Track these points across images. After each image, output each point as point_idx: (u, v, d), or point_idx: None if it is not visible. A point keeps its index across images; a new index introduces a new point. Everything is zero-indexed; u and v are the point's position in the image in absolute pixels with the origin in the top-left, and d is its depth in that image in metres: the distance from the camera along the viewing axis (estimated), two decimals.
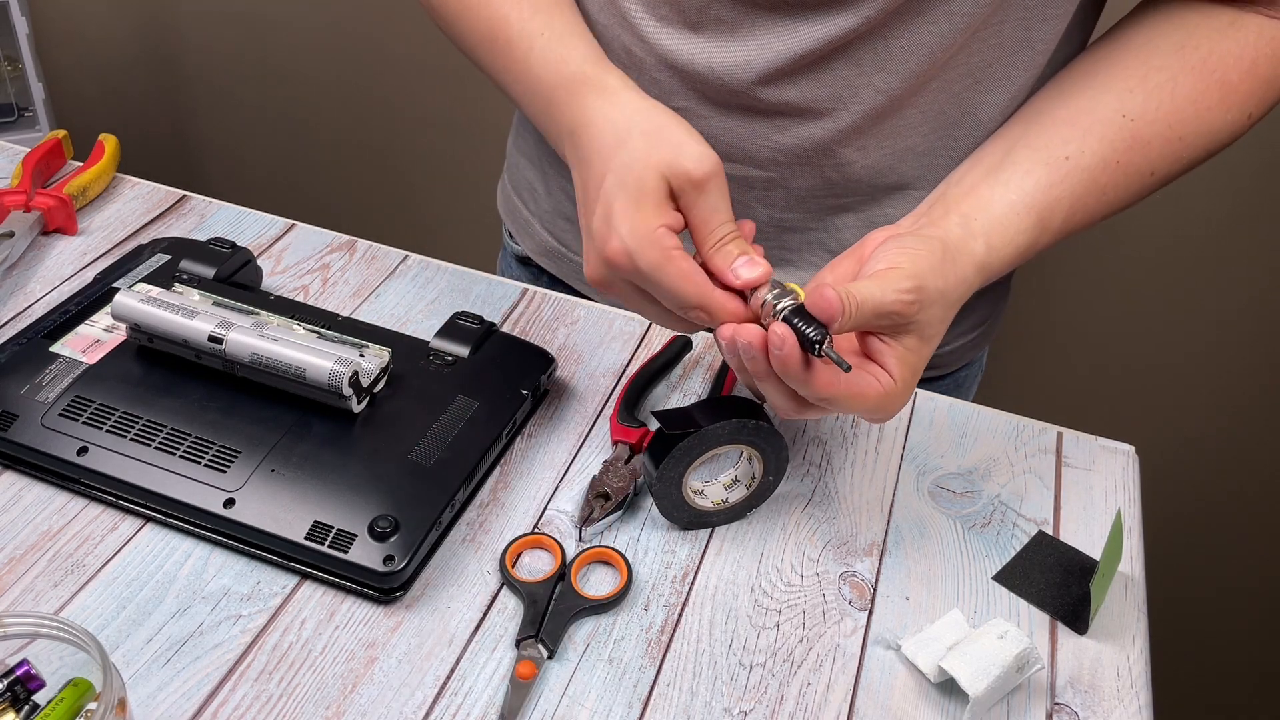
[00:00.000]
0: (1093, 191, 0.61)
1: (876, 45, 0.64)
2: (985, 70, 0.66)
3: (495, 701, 0.53)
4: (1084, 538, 0.63)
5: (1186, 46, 0.63)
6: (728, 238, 0.56)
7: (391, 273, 0.79)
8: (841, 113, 0.67)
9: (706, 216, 0.56)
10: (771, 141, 0.69)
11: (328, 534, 0.56)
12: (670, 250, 0.55)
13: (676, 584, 0.59)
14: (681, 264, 0.55)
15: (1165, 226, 1.30)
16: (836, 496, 0.64)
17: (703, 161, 0.55)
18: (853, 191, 0.72)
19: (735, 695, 0.54)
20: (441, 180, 1.72)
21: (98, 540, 0.58)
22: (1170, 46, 0.64)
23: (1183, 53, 0.63)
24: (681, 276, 0.55)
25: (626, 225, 0.55)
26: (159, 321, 0.63)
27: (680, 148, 0.55)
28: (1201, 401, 1.41)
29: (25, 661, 0.48)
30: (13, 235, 0.77)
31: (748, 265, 0.56)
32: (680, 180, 0.55)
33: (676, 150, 0.55)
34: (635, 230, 0.55)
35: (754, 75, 0.66)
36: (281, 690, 0.52)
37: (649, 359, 0.71)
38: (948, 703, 0.54)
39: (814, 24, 0.64)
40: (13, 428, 0.61)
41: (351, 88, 1.69)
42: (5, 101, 1.64)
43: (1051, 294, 1.40)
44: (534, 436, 0.67)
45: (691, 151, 0.55)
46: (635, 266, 0.55)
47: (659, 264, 0.54)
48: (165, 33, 1.77)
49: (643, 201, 0.55)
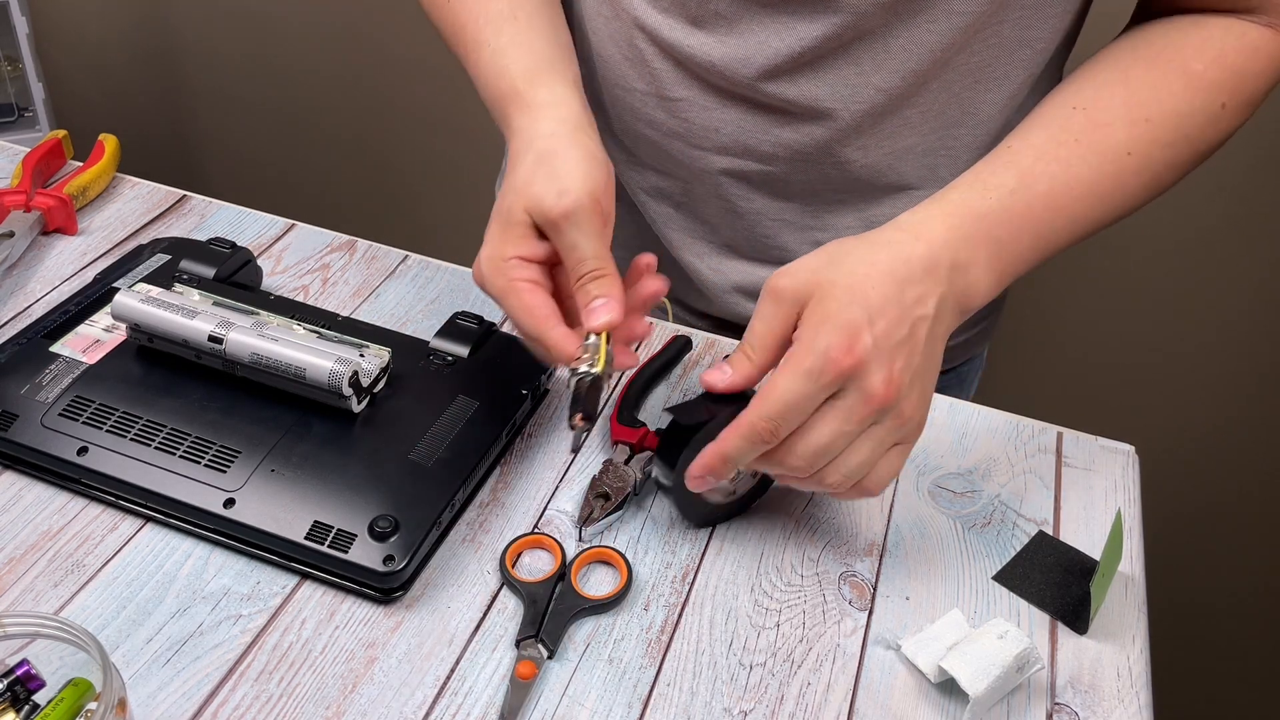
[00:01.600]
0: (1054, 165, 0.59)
1: (875, 44, 0.64)
2: (984, 70, 0.66)
3: (495, 701, 0.53)
4: (1084, 538, 0.63)
5: (1140, 45, 0.63)
6: (587, 277, 0.57)
7: (391, 273, 0.79)
8: (842, 112, 0.67)
9: (565, 254, 0.57)
10: (773, 136, 0.69)
11: (328, 534, 0.56)
12: (515, 281, 0.57)
13: (676, 584, 0.59)
14: (525, 297, 0.57)
15: (1165, 226, 1.30)
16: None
17: (562, 198, 0.56)
18: (852, 189, 0.72)
19: (735, 695, 0.54)
20: (441, 180, 1.72)
21: (98, 540, 0.58)
22: (1124, 48, 0.63)
23: (1135, 50, 0.63)
24: (522, 309, 0.57)
25: (486, 249, 0.58)
26: (159, 321, 0.63)
27: (551, 182, 0.57)
28: (1202, 401, 1.41)
29: (25, 661, 0.48)
30: (13, 235, 0.77)
31: (601, 309, 0.57)
32: (539, 217, 0.57)
33: (548, 184, 0.57)
34: (490, 256, 0.58)
35: (754, 71, 0.66)
36: (281, 690, 0.52)
37: (649, 359, 0.71)
38: (948, 703, 0.54)
39: (809, 21, 0.64)
40: (13, 428, 0.61)
41: (351, 87, 1.69)
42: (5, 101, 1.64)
43: (1051, 294, 1.40)
44: (534, 436, 0.67)
45: (558, 187, 0.56)
46: (487, 289, 0.58)
47: (503, 291, 0.57)
48: (165, 33, 1.77)
49: (507, 231, 0.58)
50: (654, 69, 0.70)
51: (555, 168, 0.57)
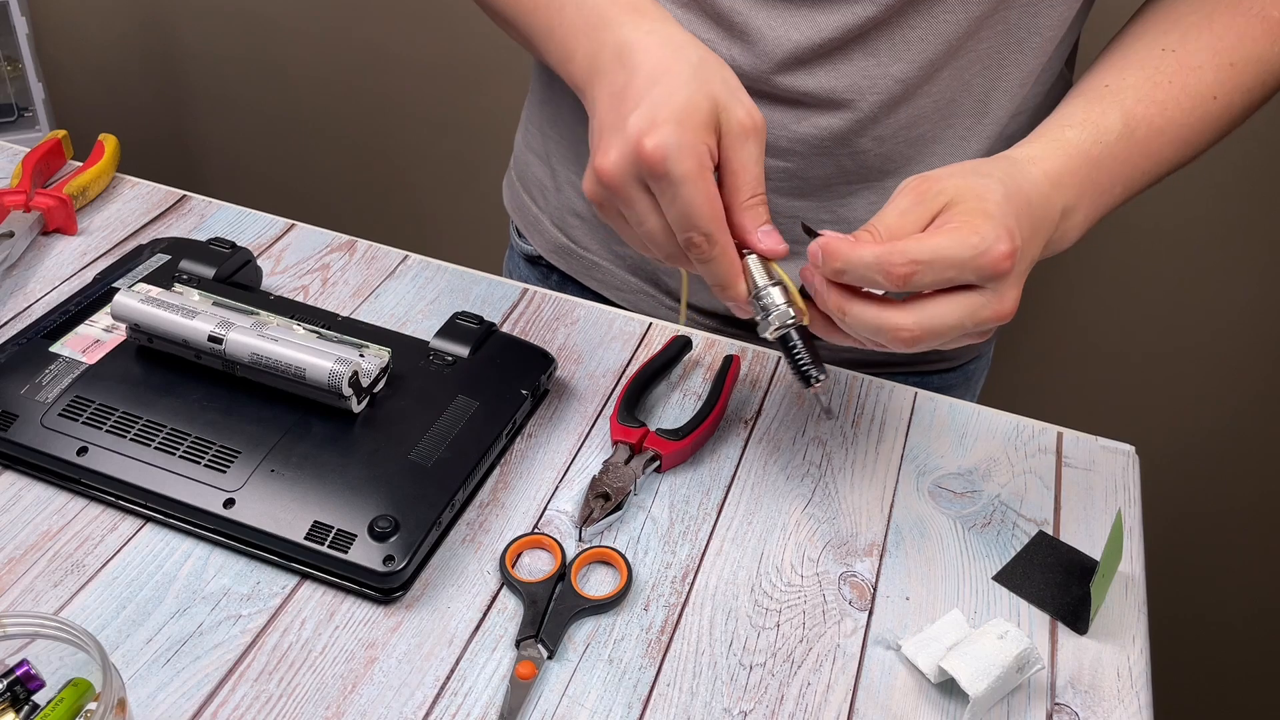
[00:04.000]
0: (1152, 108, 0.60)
1: (894, 35, 0.64)
2: (994, 57, 0.67)
3: (495, 701, 0.53)
4: (1084, 538, 0.63)
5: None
6: (759, 198, 0.55)
7: (391, 273, 0.79)
8: (859, 103, 0.67)
9: (746, 166, 0.54)
10: (789, 131, 0.69)
11: (328, 534, 0.56)
12: (707, 168, 0.53)
13: (676, 584, 0.59)
14: (711, 185, 0.53)
15: (1166, 226, 1.30)
16: (836, 496, 0.64)
17: (754, 112, 0.54)
18: (866, 179, 0.72)
19: (735, 695, 0.54)
20: (442, 180, 1.72)
21: (98, 540, 0.58)
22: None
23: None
24: (707, 195, 0.53)
25: (672, 129, 0.52)
26: (159, 321, 0.63)
27: (735, 92, 0.54)
28: (1202, 401, 1.41)
29: (25, 661, 0.48)
30: (13, 235, 0.77)
31: (771, 235, 0.55)
32: (730, 122, 0.54)
33: (730, 93, 0.54)
34: (681, 136, 0.52)
35: (772, 64, 0.66)
36: (281, 690, 0.52)
37: (649, 359, 0.71)
38: (948, 703, 0.54)
39: (832, 13, 0.64)
40: (13, 428, 0.61)
41: (352, 87, 1.69)
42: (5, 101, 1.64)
43: (1053, 294, 1.40)
44: (534, 436, 0.67)
45: (745, 99, 0.54)
46: (665, 170, 0.52)
47: (692, 174, 0.52)
48: (165, 33, 1.77)
49: (693, 119, 0.53)
50: None
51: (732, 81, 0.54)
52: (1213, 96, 0.61)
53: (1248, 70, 0.61)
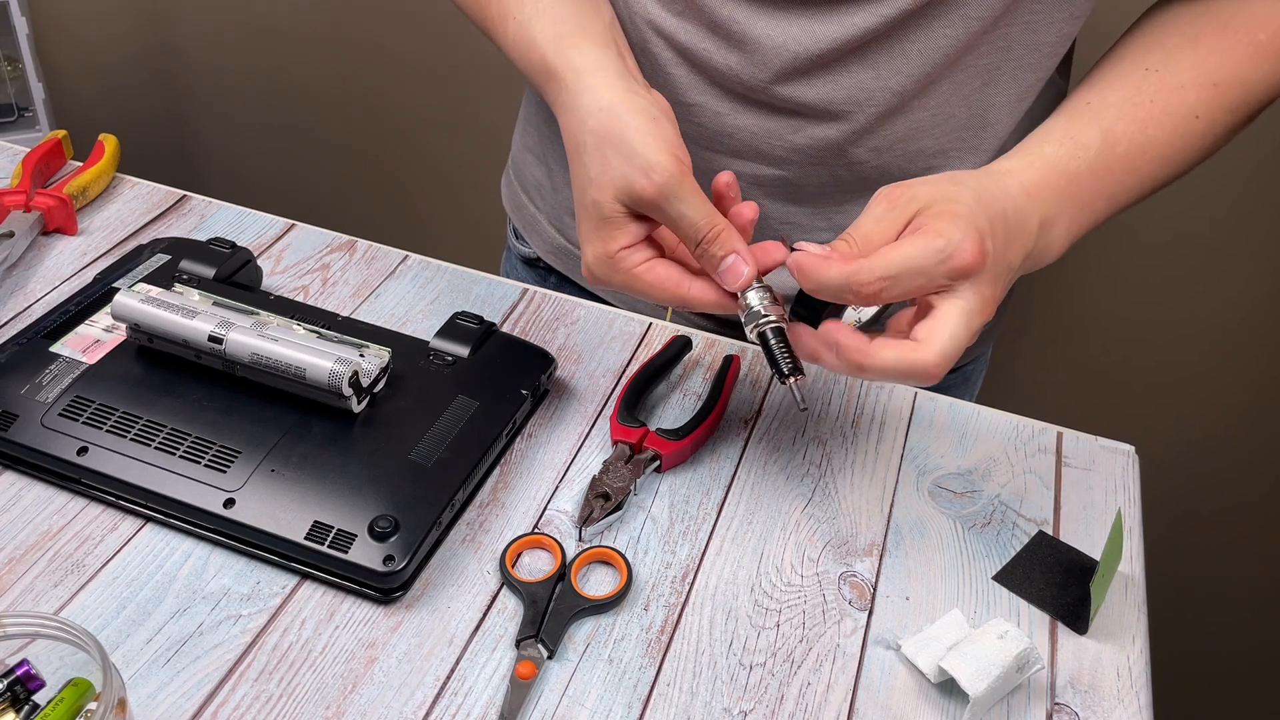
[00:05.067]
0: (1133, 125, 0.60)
1: (893, 47, 0.64)
2: (994, 72, 0.67)
3: (495, 701, 0.53)
4: (1084, 538, 0.63)
5: (1207, 10, 0.63)
6: (704, 241, 0.55)
7: (391, 273, 0.79)
8: (856, 114, 0.67)
9: (674, 226, 0.56)
10: (786, 141, 0.69)
11: (328, 534, 0.56)
12: (632, 270, 0.56)
13: (676, 584, 0.59)
14: (647, 276, 0.56)
15: (1167, 226, 1.30)
16: (836, 496, 0.64)
17: (652, 176, 0.54)
18: (862, 189, 0.72)
19: (735, 695, 0.54)
20: (441, 180, 1.72)
21: (98, 540, 0.58)
22: (1191, 12, 0.63)
23: (1203, 15, 0.63)
24: (651, 287, 0.56)
25: (591, 250, 0.57)
26: (159, 321, 0.63)
27: (631, 162, 0.55)
28: (1202, 401, 1.41)
29: (25, 661, 0.48)
30: (13, 235, 0.77)
31: (731, 270, 0.56)
32: (633, 202, 0.56)
33: (627, 166, 0.55)
34: (598, 257, 0.57)
35: (770, 74, 0.66)
36: (281, 690, 0.52)
37: (649, 359, 0.71)
38: (948, 703, 0.54)
39: (830, 24, 0.64)
40: (13, 428, 0.61)
41: (351, 88, 1.69)
42: (5, 101, 1.64)
43: (1052, 294, 1.40)
44: (534, 436, 0.67)
45: (641, 165, 0.54)
46: (608, 285, 0.58)
47: (626, 284, 0.57)
48: (165, 33, 1.77)
49: (604, 226, 0.56)
50: (668, 74, 0.70)
51: (626, 145, 0.55)
52: (1195, 116, 0.61)
53: (1231, 92, 0.62)
